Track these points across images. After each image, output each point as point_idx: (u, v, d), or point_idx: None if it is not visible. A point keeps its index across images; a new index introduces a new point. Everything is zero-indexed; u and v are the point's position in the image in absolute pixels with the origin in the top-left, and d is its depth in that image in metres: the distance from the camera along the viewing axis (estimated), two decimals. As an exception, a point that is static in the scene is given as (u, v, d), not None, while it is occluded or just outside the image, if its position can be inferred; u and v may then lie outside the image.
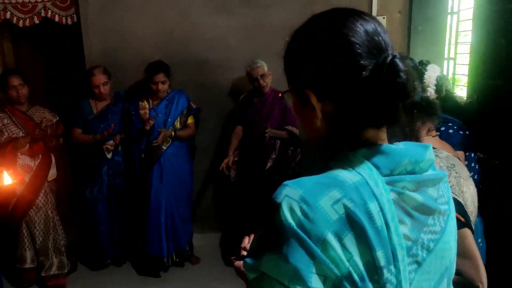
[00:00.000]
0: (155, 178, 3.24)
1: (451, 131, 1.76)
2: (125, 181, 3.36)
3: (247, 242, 1.10)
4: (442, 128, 1.76)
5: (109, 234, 3.37)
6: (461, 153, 1.73)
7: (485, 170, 2.14)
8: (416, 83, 0.68)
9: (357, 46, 0.68)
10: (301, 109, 0.76)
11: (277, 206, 0.64)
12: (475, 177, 1.80)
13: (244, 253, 1.08)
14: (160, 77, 3.14)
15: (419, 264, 0.70)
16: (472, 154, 1.81)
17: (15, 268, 3.09)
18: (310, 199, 0.64)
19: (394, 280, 0.65)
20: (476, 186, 1.82)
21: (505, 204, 2.23)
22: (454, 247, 0.78)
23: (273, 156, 3.21)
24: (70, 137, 3.28)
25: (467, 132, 1.79)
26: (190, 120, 3.36)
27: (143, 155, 3.27)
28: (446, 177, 0.79)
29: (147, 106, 3.27)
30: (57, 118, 3.22)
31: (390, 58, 0.67)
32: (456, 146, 1.72)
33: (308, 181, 0.67)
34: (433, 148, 0.91)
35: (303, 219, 0.62)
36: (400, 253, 0.65)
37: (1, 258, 2.41)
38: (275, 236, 0.64)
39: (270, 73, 3.21)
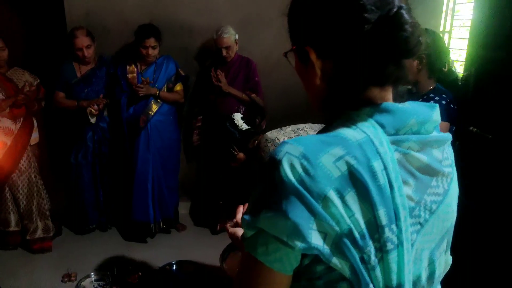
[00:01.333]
0: (142, 145, 3.21)
1: (443, 102, 1.89)
2: (111, 148, 3.32)
3: (241, 212, 1.10)
4: (437, 98, 1.91)
5: (94, 200, 3.37)
6: (445, 124, 1.89)
7: (478, 145, 2.20)
8: (420, 38, 0.65)
9: None
10: (302, 68, 0.74)
11: (277, 163, 0.63)
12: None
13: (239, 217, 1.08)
14: (151, 41, 3.04)
15: (421, 225, 0.70)
16: (453, 128, 1.99)
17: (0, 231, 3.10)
18: (311, 156, 0.62)
19: (395, 239, 0.64)
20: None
21: (496, 179, 2.24)
22: (455, 210, 0.79)
23: None
24: (52, 100, 3.20)
25: (455, 107, 1.93)
26: (178, 87, 3.29)
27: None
28: (451, 139, 0.78)
29: (135, 70, 3.19)
30: (38, 81, 3.13)
31: (395, 9, 0.63)
32: (444, 116, 1.84)
33: (309, 139, 0.66)
34: None
35: (304, 176, 0.62)
36: (403, 213, 0.65)
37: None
38: (274, 193, 0.63)
39: (237, 42, 3.17)
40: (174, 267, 2.91)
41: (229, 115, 2.22)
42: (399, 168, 0.66)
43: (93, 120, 3.15)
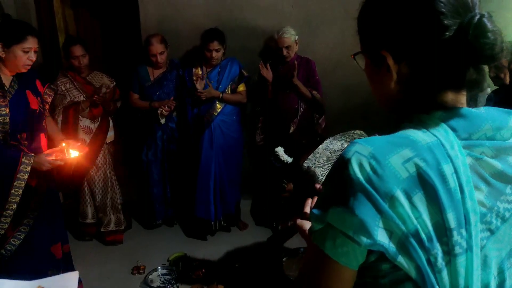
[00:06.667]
0: (206, 143, 3.32)
1: None
2: (179, 146, 3.47)
3: (310, 204, 1.12)
4: None
5: (161, 196, 3.53)
6: None
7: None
8: (504, 44, 0.65)
9: (441, 4, 0.65)
10: (374, 71, 0.75)
11: (346, 162, 0.65)
12: None
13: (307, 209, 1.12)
14: (215, 45, 3.14)
15: (492, 232, 0.68)
16: None
17: (78, 223, 3.34)
18: (380, 156, 0.64)
19: (464, 244, 0.64)
20: None
21: None
22: None
23: (295, 120, 3.29)
24: (127, 101, 3.40)
25: None
26: (241, 87, 3.36)
27: (194, 120, 3.34)
28: None
29: (201, 72, 3.31)
30: (114, 83, 3.35)
31: (478, 17, 0.64)
32: None
33: (378, 140, 0.67)
34: None
35: (372, 175, 0.63)
36: (473, 218, 0.64)
37: (65, 213, 2.63)
38: (342, 190, 0.65)
39: (297, 43, 3.24)
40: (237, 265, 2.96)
41: (272, 151, 2.36)
42: (471, 172, 0.65)
43: (162, 121, 3.31)
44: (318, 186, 1.15)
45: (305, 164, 1.79)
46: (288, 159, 2.23)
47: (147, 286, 2.81)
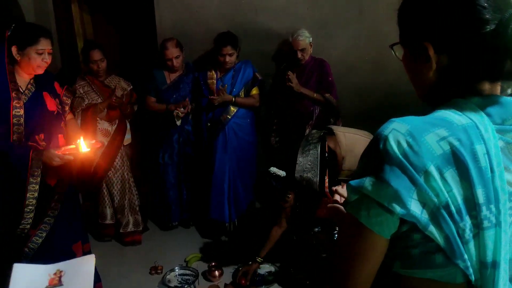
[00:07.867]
0: (220, 146, 3.35)
1: None
2: (194, 149, 3.51)
3: (341, 187, 1.18)
4: None
5: (177, 198, 3.57)
6: None
7: None
8: None
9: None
10: (413, 61, 0.79)
11: (384, 138, 0.70)
12: None
13: (337, 197, 1.18)
14: (228, 49, 3.17)
15: None
16: None
17: (97, 224, 3.41)
18: (416, 134, 0.69)
19: (493, 218, 0.68)
20: None
21: None
22: None
23: (311, 122, 3.28)
24: (144, 104, 3.45)
25: None
26: (254, 91, 3.38)
27: (209, 124, 3.39)
28: None
29: (215, 76, 3.34)
30: (131, 87, 3.41)
31: None
32: None
33: (415, 119, 0.72)
34: None
35: (408, 151, 0.68)
36: (502, 197, 0.69)
37: (85, 215, 2.69)
38: (379, 163, 0.70)
39: (312, 45, 3.22)
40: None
41: (267, 171, 2.48)
42: (502, 155, 0.70)
43: (178, 123, 3.34)
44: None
45: (297, 174, 1.95)
46: (283, 173, 2.39)
47: (165, 286, 2.85)
